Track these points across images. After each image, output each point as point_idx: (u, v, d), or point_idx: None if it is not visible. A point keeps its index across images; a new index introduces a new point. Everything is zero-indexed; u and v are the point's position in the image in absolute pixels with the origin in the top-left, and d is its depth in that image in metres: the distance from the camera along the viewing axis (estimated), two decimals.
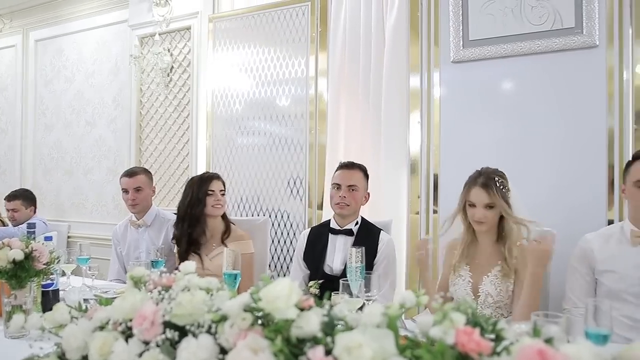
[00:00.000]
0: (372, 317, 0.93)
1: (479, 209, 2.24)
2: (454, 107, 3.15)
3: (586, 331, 1.44)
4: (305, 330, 0.94)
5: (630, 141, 2.74)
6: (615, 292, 2.14)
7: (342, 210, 2.66)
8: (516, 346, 0.86)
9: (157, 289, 1.24)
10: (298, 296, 0.99)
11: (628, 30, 2.76)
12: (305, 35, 3.69)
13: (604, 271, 2.18)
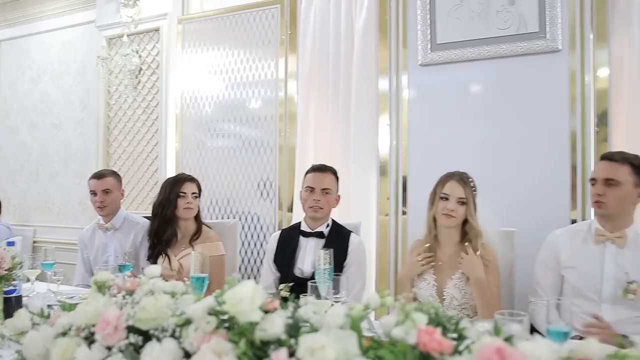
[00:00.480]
0: (336, 318, 0.94)
1: (452, 202, 2.28)
2: (423, 110, 3.19)
3: (547, 328, 1.47)
4: (269, 333, 0.95)
5: (592, 143, 2.81)
6: (577, 289, 2.19)
7: (316, 214, 2.67)
8: (476, 345, 0.87)
9: (121, 293, 1.23)
10: (262, 299, 1.00)
11: (589, 35, 2.83)
12: (275, 37, 3.69)
13: (568, 267, 2.23)
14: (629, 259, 2.12)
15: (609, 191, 2.12)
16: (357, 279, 2.64)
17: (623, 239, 2.14)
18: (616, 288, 2.11)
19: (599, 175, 2.17)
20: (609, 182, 2.13)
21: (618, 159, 2.14)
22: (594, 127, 2.82)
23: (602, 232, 2.18)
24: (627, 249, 2.13)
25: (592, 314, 2.03)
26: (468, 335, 1.01)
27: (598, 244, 2.18)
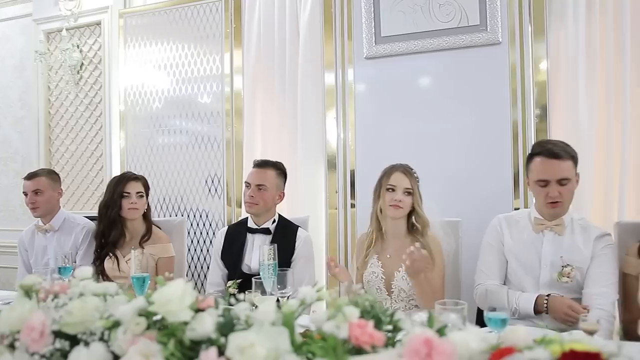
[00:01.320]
0: (267, 315, 0.92)
1: (399, 193, 2.30)
2: (369, 103, 3.21)
3: (486, 316, 1.50)
4: (199, 332, 0.92)
5: (532, 133, 2.89)
6: (517, 275, 2.25)
7: (251, 209, 2.65)
8: (406, 336, 0.87)
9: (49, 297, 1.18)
10: (192, 298, 0.97)
11: (528, 29, 2.90)
12: (220, 31, 3.63)
13: (509, 252, 2.28)
14: (566, 244, 2.18)
15: (563, 190, 2.13)
16: (306, 273, 2.64)
17: (561, 226, 2.19)
18: (552, 272, 2.16)
19: (552, 177, 2.12)
20: (562, 182, 2.12)
21: (563, 155, 2.12)
22: (534, 118, 2.90)
23: (541, 221, 2.22)
24: (564, 235, 2.19)
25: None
26: (403, 327, 1.02)
27: (537, 232, 2.23)
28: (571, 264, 2.14)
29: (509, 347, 0.84)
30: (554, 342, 0.85)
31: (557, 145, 2.17)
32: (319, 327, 0.93)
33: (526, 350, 0.83)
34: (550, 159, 2.12)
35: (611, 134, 2.81)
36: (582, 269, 2.15)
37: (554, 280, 2.15)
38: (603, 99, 2.83)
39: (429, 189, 2.49)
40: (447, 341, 0.84)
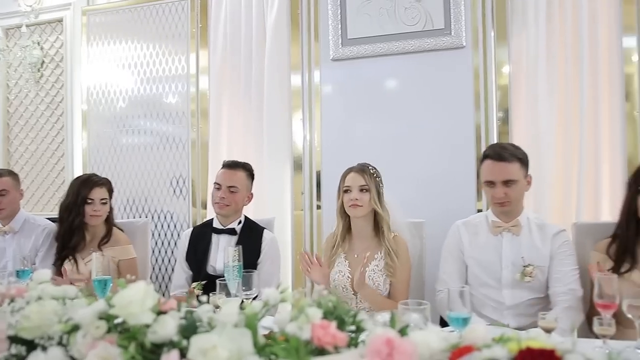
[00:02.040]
0: (229, 316, 0.92)
1: (355, 192, 2.33)
2: (335, 105, 3.23)
3: (448, 315, 1.53)
4: (161, 335, 0.92)
5: (495, 136, 2.95)
6: (479, 278, 2.29)
7: (221, 211, 2.64)
8: (368, 336, 0.88)
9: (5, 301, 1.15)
10: (154, 300, 0.96)
11: (491, 33, 2.97)
12: (186, 31, 3.59)
13: (470, 257, 2.33)
14: (524, 244, 2.24)
15: (509, 191, 2.20)
16: (272, 275, 2.63)
17: (518, 227, 2.26)
18: (514, 273, 2.22)
19: (497, 178, 2.21)
20: (508, 183, 2.20)
21: (508, 158, 2.20)
22: (497, 121, 2.96)
23: (498, 224, 2.28)
24: (522, 236, 2.25)
25: None
26: (366, 328, 1.03)
27: (495, 234, 2.29)
28: (532, 263, 2.20)
29: (468, 346, 0.86)
30: (511, 340, 0.87)
31: (505, 148, 2.25)
32: (282, 328, 0.93)
33: (484, 348, 0.85)
34: (497, 161, 2.21)
35: (569, 137, 2.89)
36: (543, 267, 2.21)
37: (517, 281, 2.21)
38: (562, 102, 2.91)
39: (394, 190, 2.52)
40: (408, 341, 0.85)
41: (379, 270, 2.32)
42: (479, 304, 2.29)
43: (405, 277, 2.35)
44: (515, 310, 2.22)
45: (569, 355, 0.85)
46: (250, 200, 2.74)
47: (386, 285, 2.32)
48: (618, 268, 2.07)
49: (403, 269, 2.34)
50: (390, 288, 2.33)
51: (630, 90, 2.78)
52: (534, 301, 2.22)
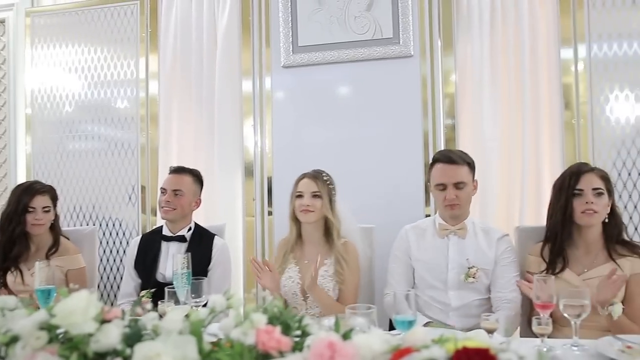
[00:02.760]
0: (174, 324, 0.92)
1: (306, 198, 2.37)
2: (286, 111, 3.25)
3: (394, 318, 1.57)
4: (104, 344, 0.91)
5: (442, 143, 3.03)
6: (426, 280, 2.36)
7: (167, 215, 2.62)
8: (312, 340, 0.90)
9: None
10: (97, 309, 0.95)
11: (438, 43, 3.05)
12: (135, 35, 3.54)
13: (417, 260, 2.39)
14: (469, 246, 2.33)
15: (460, 193, 2.30)
16: (223, 282, 2.62)
17: (464, 230, 2.35)
18: (459, 274, 2.30)
19: (449, 181, 2.30)
20: (458, 185, 2.30)
21: (459, 161, 2.31)
22: (444, 128, 3.05)
23: (445, 227, 2.36)
24: (467, 239, 2.34)
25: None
26: (312, 332, 1.05)
27: (442, 237, 2.36)
28: (476, 265, 2.29)
29: (408, 347, 0.89)
30: (449, 341, 0.91)
31: (455, 153, 2.37)
32: (226, 334, 0.94)
33: (423, 349, 0.88)
34: (448, 164, 2.31)
35: (512, 144, 3.00)
36: (487, 270, 2.30)
37: (461, 282, 2.28)
38: (505, 110, 3.02)
39: (344, 196, 2.56)
40: (351, 344, 0.87)
41: (329, 276, 2.35)
42: (425, 306, 2.35)
43: (354, 283, 2.39)
44: (461, 312, 2.30)
45: (502, 354, 0.89)
46: (198, 205, 2.72)
47: (335, 290, 2.35)
48: (552, 269, 2.17)
49: (352, 275, 2.37)
50: (339, 293, 2.36)
51: (570, 100, 2.91)
52: (478, 302, 2.30)
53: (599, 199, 2.13)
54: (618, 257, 2.13)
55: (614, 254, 2.14)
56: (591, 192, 2.13)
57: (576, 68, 2.90)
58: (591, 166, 2.26)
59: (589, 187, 2.14)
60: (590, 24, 2.89)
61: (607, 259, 2.14)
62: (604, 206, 2.14)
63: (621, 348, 1.64)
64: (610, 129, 2.86)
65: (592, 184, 2.14)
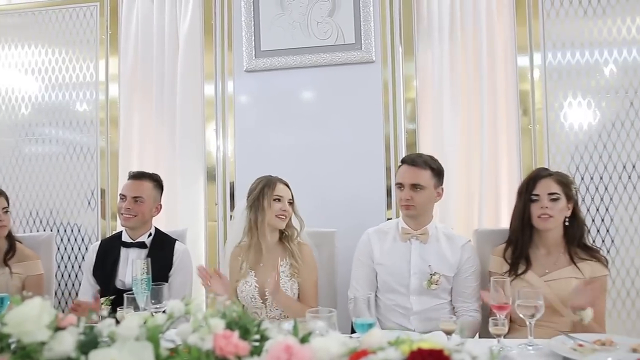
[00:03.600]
0: (130, 330, 0.91)
1: (285, 203, 2.39)
2: (249, 115, 3.24)
3: (355, 321, 1.58)
4: (57, 351, 0.90)
5: (403, 147, 3.07)
6: (388, 284, 2.38)
7: (128, 223, 2.59)
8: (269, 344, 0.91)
9: None
10: (51, 316, 0.94)
11: (399, 49, 3.10)
12: (95, 37, 3.48)
13: (379, 264, 2.41)
14: (432, 252, 2.36)
15: (415, 195, 2.33)
16: (185, 287, 2.60)
17: (426, 235, 2.37)
18: (421, 280, 2.32)
19: (406, 181, 2.34)
20: (415, 187, 2.33)
21: (421, 165, 2.34)
22: (405, 133, 3.09)
23: (407, 231, 2.39)
24: (430, 244, 2.37)
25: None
26: (271, 336, 1.05)
27: (404, 241, 2.39)
28: (439, 272, 2.31)
29: (364, 350, 0.90)
30: (404, 343, 0.92)
31: (421, 157, 2.40)
32: (184, 339, 0.93)
33: (379, 351, 0.90)
34: (410, 166, 2.36)
35: (471, 148, 3.07)
36: (449, 276, 2.34)
37: (424, 288, 2.31)
38: (465, 116, 3.08)
39: (306, 199, 2.57)
40: (308, 347, 0.88)
41: (286, 276, 2.36)
42: (386, 309, 2.37)
43: (313, 280, 2.40)
44: (422, 316, 2.33)
45: (456, 354, 0.91)
46: (158, 211, 2.69)
47: (294, 289, 2.35)
48: (515, 270, 2.22)
49: (309, 272, 2.39)
50: (299, 291, 2.37)
51: (527, 106, 3.00)
52: (439, 306, 2.34)
53: (555, 204, 2.19)
54: (579, 260, 2.19)
55: (575, 257, 2.20)
56: (547, 197, 2.19)
57: (532, 75, 2.99)
58: (550, 172, 2.30)
59: (545, 192, 2.20)
60: (545, 33, 2.98)
61: (569, 262, 2.20)
62: (559, 210, 2.19)
63: (573, 346, 1.70)
64: (565, 135, 2.95)
65: (548, 189, 2.20)
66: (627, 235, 2.88)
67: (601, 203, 2.90)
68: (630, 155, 2.88)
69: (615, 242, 2.89)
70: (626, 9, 2.91)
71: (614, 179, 2.90)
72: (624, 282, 2.88)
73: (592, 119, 2.93)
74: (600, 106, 2.92)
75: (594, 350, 1.64)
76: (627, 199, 2.88)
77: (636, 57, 2.90)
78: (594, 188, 2.91)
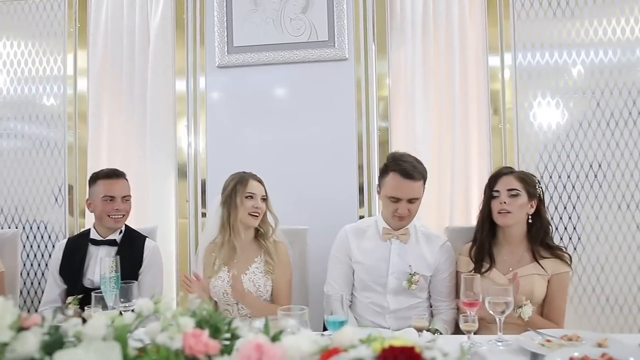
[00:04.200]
0: (97, 329, 0.89)
1: (258, 201, 2.37)
2: (221, 112, 3.21)
3: (327, 319, 1.58)
4: (20, 352, 0.87)
5: (375, 145, 3.08)
6: (365, 282, 2.38)
7: (119, 224, 2.56)
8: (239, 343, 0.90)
9: None
10: (13, 316, 0.91)
11: (372, 47, 3.10)
12: (62, 29, 3.40)
13: (357, 262, 2.40)
14: (411, 252, 2.36)
15: (412, 207, 2.30)
16: (155, 284, 2.57)
17: (407, 235, 2.37)
18: (400, 280, 2.32)
19: (404, 196, 2.27)
20: (412, 201, 2.30)
21: (417, 178, 2.28)
22: (377, 130, 3.10)
23: (388, 231, 2.38)
24: (409, 244, 2.37)
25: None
26: (242, 335, 1.04)
27: (385, 240, 2.38)
28: (418, 272, 2.32)
29: (336, 348, 0.90)
30: (376, 340, 0.92)
31: (415, 167, 2.30)
32: (152, 339, 0.92)
33: (351, 349, 0.90)
34: (405, 179, 2.27)
35: (443, 147, 3.10)
36: (427, 276, 2.36)
37: (403, 288, 2.32)
38: (437, 114, 3.11)
39: (279, 197, 2.56)
40: (279, 346, 0.87)
41: (260, 273, 2.35)
42: (362, 307, 2.38)
43: (287, 278, 2.39)
44: (398, 314, 2.34)
45: (427, 351, 0.92)
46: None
47: (267, 287, 2.34)
48: (479, 268, 2.25)
49: (284, 269, 2.39)
50: (273, 289, 2.36)
51: (497, 105, 3.04)
52: (415, 305, 2.35)
53: (514, 200, 2.22)
54: (541, 258, 2.23)
55: (537, 255, 2.23)
56: (506, 193, 2.22)
57: (503, 75, 3.03)
58: (513, 169, 2.34)
59: (505, 189, 2.23)
60: (516, 34, 3.03)
61: (532, 260, 2.23)
62: (518, 207, 2.22)
63: (541, 342, 1.73)
64: (534, 134, 3.00)
65: (508, 185, 2.23)
66: (592, 233, 2.95)
67: (568, 201, 2.96)
68: (596, 154, 2.95)
69: (582, 240, 2.95)
70: (593, 11, 2.97)
71: (581, 178, 2.96)
72: (590, 279, 2.94)
73: (561, 119, 2.99)
74: (568, 106, 2.98)
75: (561, 346, 1.68)
76: (593, 198, 2.95)
77: (602, 59, 2.96)
78: (561, 186, 2.97)
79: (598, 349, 1.55)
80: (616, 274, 2.92)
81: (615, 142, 2.94)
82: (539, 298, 2.19)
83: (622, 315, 2.92)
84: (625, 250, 2.92)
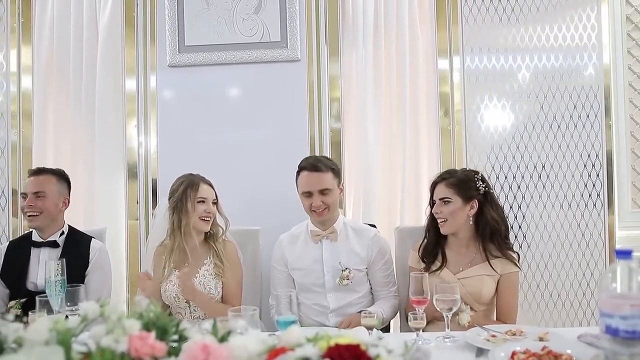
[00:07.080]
0: (39, 334, 0.87)
1: (209, 205, 2.35)
2: (173, 112, 3.17)
3: (277, 319, 1.59)
4: None
5: (328, 146, 3.11)
6: (304, 285, 2.43)
7: (33, 222, 2.48)
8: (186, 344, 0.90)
9: None
10: None
11: (324, 49, 3.13)
12: (4, 24, 3.27)
13: (294, 269, 2.46)
14: (342, 249, 2.43)
15: (325, 199, 2.37)
16: (103, 286, 2.51)
17: (334, 234, 2.44)
18: (335, 277, 2.38)
19: (314, 188, 2.35)
20: (323, 192, 2.36)
21: (323, 169, 2.37)
22: (330, 132, 3.12)
23: (317, 232, 2.44)
24: (340, 242, 2.43)
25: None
26: (189, 336, 1.04)
27: (316, 242, 2.44)
28: (349, 267, 2.38)
29: (282, 347, 0.91)
30: (322, 339, 0.94)
31: (319, 160, 2.42)
32: (97, 342, 0.90)
33: (297, 348, 0.91)
34: (312, 172, 2.38)
35: (394, 148, 3.16)
36: (362, 269, 2.41)
37: (337, 285, 2.37)
38: (388, 115, 3.16)
39: (231, 197, 2.55)
40: (226, 346, 0.88)
41: (210, 275, 2.33)
42: (306, 309, 2.43)
43: (237, 278, 2.39)
44: (340, 312, 2.39)
45: (372, 348, 0.94)
46: (66, 206, 2.56)
47: (218, 288, 2.33)
48: (429, 267, 2.30)
49: (233, 270, 2.38)
50: (223, 290, 2.34)
51: (447, 107, 3.11)
52: (356, 301, 2.40)
53: (445, 207, 2.28)
54: (492, 257, 2.29)
55: (489, 255, 2.29)
56: (439, 202, 2.29)
57: (452, 78, 3.11)
58: (445, 176, 2.36)
59: (437, 198, 2.31)
60: (464, 38, 3.10)
61: (483, 260, 2.29)
62: (450, 213, 2.27)
63: (487, 337, 1.79)
64: (481, 136, 3.09)
65: (440, 194, 2.31)
66: (537, 231, 3.06)
67: (514, 201, 3.06)
68: (540, 156, 3.06)
69: (527, 238, 3.06)
70: (537, 18, 3.08)
71: (526, 178, 3.06)
72: (535, 276, 3.05)
73: (507, 121, 3.09)
74: (515, 109, 3.08)
75: (505, 340, 1.74)
76: (538, 197, 3.06)
77: (546, 64, 3.07)
78: (507, 187, 3.06)
79: (539, 342, 1.61)
80: (559, 271, 3.04)
81: (558, 143, 3.05)
82: (487, 298, 2.26)
83: (565, 310, 3.04)
84: (567, 248, 3.04)
